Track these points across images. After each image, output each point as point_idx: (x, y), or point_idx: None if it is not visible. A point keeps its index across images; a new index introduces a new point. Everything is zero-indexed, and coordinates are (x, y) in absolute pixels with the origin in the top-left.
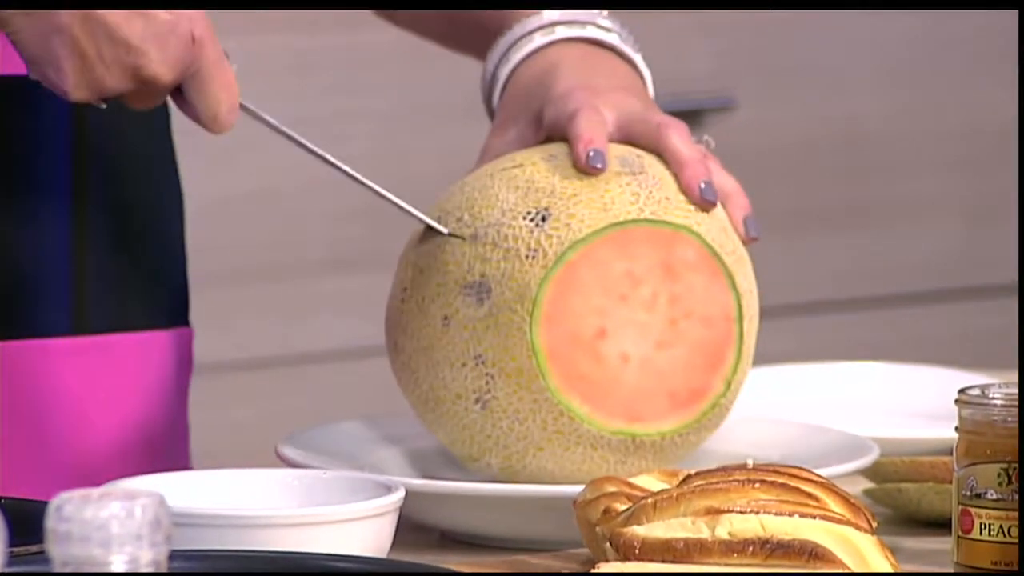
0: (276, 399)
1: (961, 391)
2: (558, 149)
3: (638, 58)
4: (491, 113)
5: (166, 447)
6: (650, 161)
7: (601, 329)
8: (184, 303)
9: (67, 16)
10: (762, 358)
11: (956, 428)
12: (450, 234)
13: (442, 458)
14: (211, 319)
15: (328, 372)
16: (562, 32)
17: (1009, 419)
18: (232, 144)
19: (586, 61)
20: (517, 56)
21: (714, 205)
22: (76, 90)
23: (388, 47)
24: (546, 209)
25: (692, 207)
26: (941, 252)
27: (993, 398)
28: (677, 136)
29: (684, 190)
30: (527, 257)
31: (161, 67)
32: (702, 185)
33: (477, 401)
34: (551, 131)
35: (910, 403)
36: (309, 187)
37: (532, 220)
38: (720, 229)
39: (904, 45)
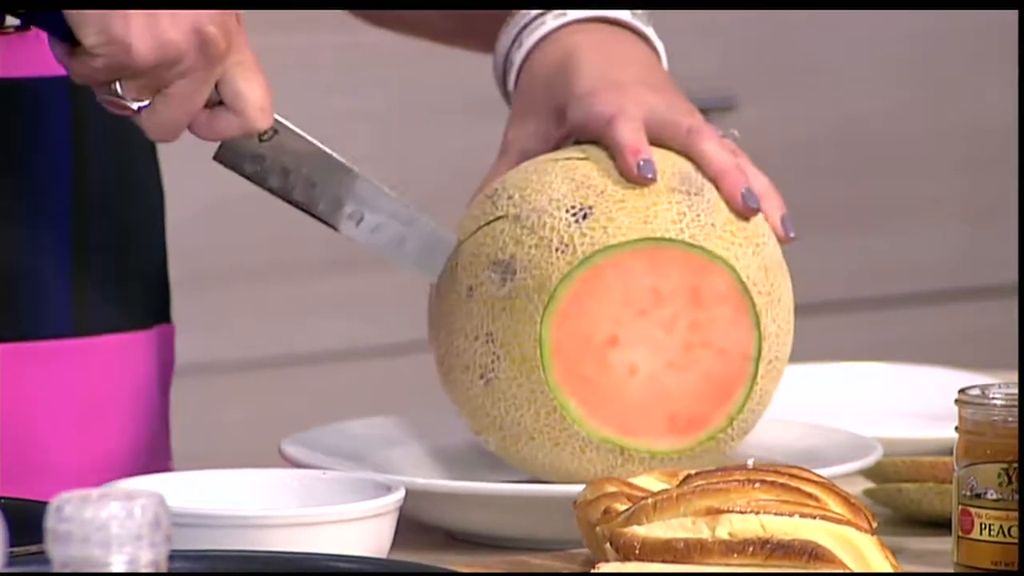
0: (276, 399)
1: (961, 391)
2: None
3: (651, 31)
4: (507, 96)
5: (150, 446)
6: (711, 186)
7: (613, 337)
8: (165, 301)
9: None
10: None
11: (956, 428)
12: (459, 241)
13: (446, 458)
14: (211, 319)
15: (328, 372)
16: (574, 13)
17: (1009, 419)
18: None
19: (603, 47)
20: (530, 39)
21: (756, 212)
22: (140, 41)
23: (388, 47)
24: (590, 208)
25: (736, 240)
26: (942, 252)
27: (993, 398)
28: (709, 141)
29: (726, 199)
30: (556, 249)
31: (217, 29)
32: (744, 192)
33: (482, 377)
34: (579, 132)
35: (910, 403)
36: None
37: (573, 215)
38: (761, 267)
39: (905, 44)
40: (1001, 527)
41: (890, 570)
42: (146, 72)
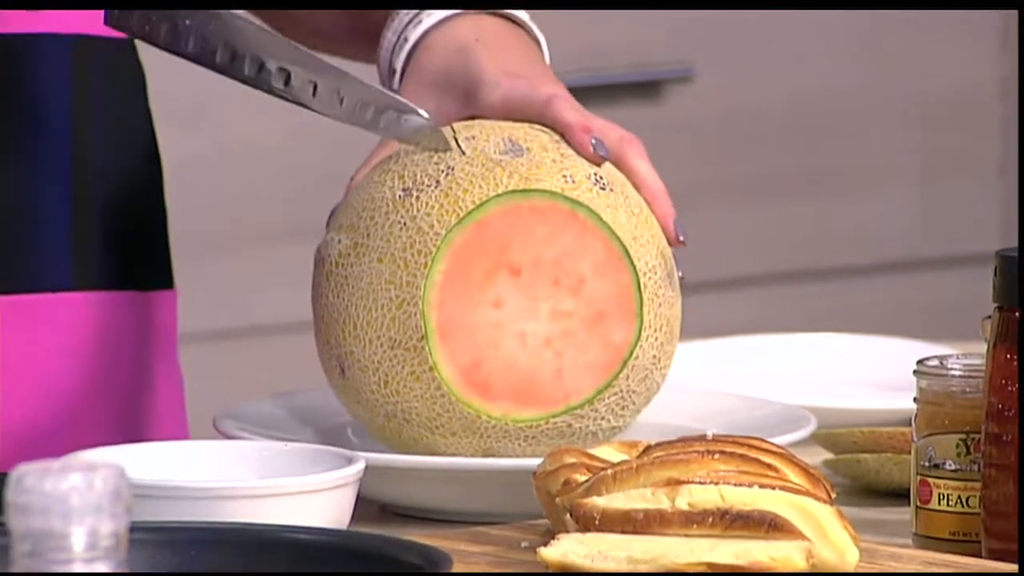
0: (234, 370)
1: (919, 362)
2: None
3: (536, 29)
4: (388, 76)
5: (130, 409)
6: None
7: (512, 269)
8: (166, 265)
9: None
10: (719, 329)
11: (915, 399)
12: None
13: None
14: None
15: (284, 344)
16: (455, 11)
17: (968, 390)
18: (196, 107)
19: (500, 38)
20: (415, 34)
21: (604, 160)
22: None
23: None
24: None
25: (644, 256)
26: (898, 222)
27: (951, 369)
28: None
29: (576, 146)
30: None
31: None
32: (594, 142)
33: (404, 190)
34: (499, 113)
35: (868, 374)
36: (267, 154)
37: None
38: (669, 339)
39: (858, 14)
40: (959, 497)
41: (848, 540)
42: None
